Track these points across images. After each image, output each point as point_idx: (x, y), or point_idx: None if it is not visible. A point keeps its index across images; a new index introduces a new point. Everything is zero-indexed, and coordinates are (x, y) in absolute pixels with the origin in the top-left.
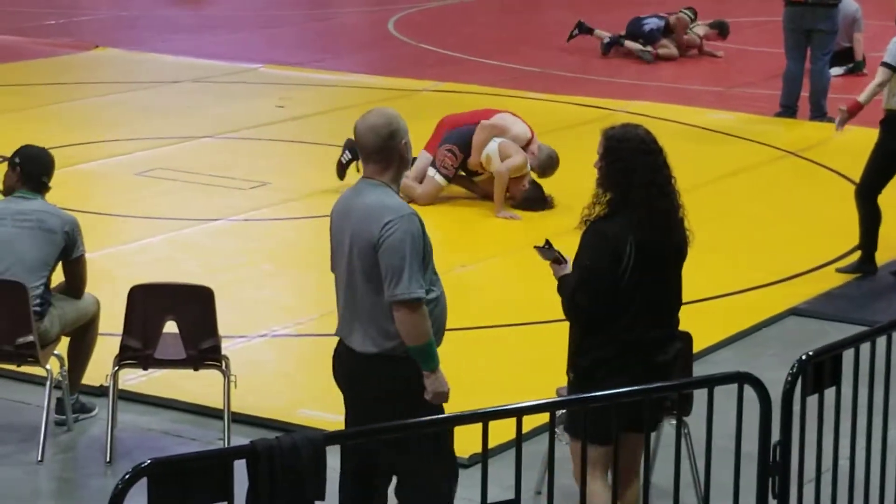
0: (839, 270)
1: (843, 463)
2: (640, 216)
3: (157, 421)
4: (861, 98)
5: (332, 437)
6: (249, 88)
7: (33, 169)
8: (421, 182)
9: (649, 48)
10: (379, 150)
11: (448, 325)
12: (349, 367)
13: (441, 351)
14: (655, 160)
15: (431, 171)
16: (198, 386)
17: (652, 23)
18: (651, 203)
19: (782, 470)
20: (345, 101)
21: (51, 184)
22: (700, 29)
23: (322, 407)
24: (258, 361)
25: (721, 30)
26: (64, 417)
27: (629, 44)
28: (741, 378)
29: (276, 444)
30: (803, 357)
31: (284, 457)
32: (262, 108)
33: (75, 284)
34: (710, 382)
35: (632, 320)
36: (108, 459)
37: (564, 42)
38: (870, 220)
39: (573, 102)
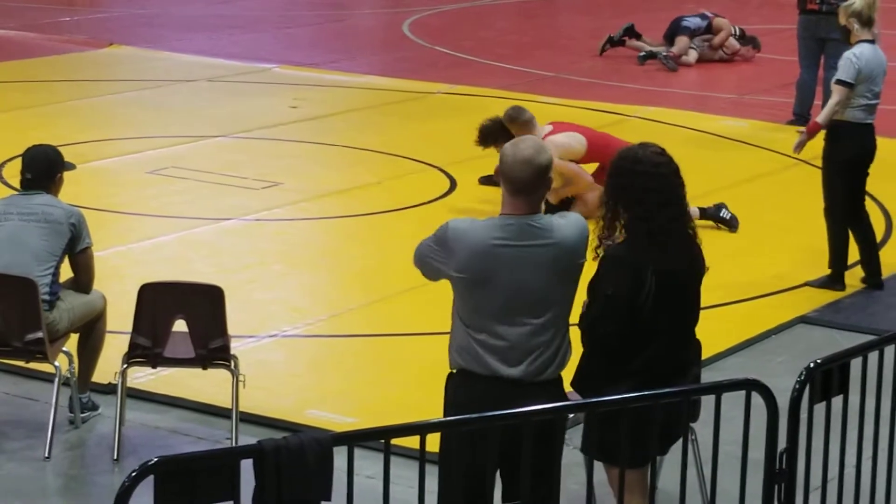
0: (809, 284)
1: (850, 471)
2: (658, 242)
3: (165, 419)
4: (820, 119)
5: (340, 438)
6: (263, 88)
7: (35, 170)
8: None
9: (669, 53)
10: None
11: None
12: None
13: None
14: (669, 182)
15: None
16: (206, 385)
17: (693, 22)
18: (669, 228)
19: (788, 477)
20: (359, 102)
21: (62, 178)
22: (735, 43)
23: (330, 408)
24: (267, 361)
25: (754, 44)
26: (82, 415)
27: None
28: (749, 385)
29: (284, 443)
30: (811, 365)
31: (291, 457)
32: (276, 108)
33: (83, 278)
34: (718, 389)
35: (655, 349)
36: (115, 457)
37: (579, 46)
38: (842, 238)
39: (587, 107)
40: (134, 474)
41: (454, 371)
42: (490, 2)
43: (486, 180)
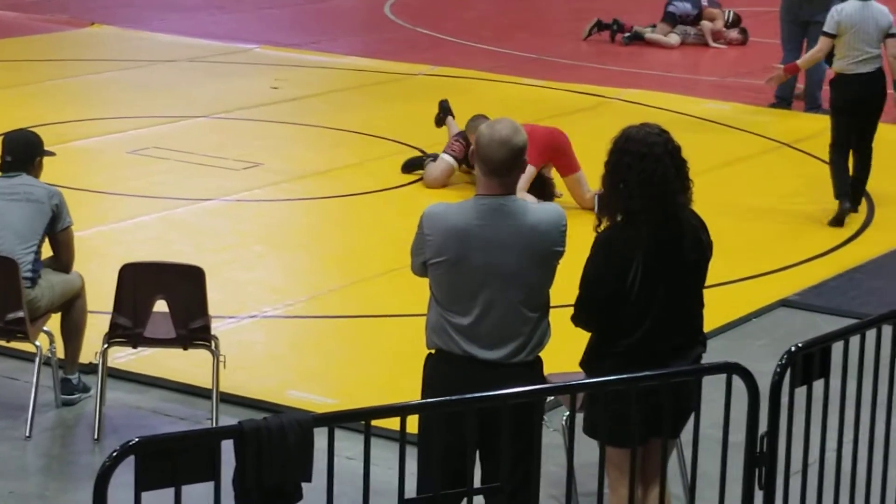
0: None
1: (830, 455)
2: (645, 229)
3: (146, 399)
4: (800, 62)
5: (320, 420)
6: (244, 69)
7: (15, 153)
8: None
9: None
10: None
11: None
12: None
13: None
14: (656, 168)
15: (444, 155)
16: (186, 365)
17: (679, 7)
18: (650, 215)
19: (769, 461)
20: (340, 83)
21: (41, 162)
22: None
23: (310, 389)
24: (247, 342)
25: (744, 35)
26: (68, 397)
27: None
28: (730, 368)
29: (264, 424)
30: (792, 348)
31: (272, 438)
32: (257, 88)
33: (64, 257)
34: (699, 372)
35: (646, 333)
36: (95, 437)
37: (560, 29)
38: (838, 173)
39: (568, 89)
40: (115, 454)
41: (432, 351)
42: None
43: (409, 167)
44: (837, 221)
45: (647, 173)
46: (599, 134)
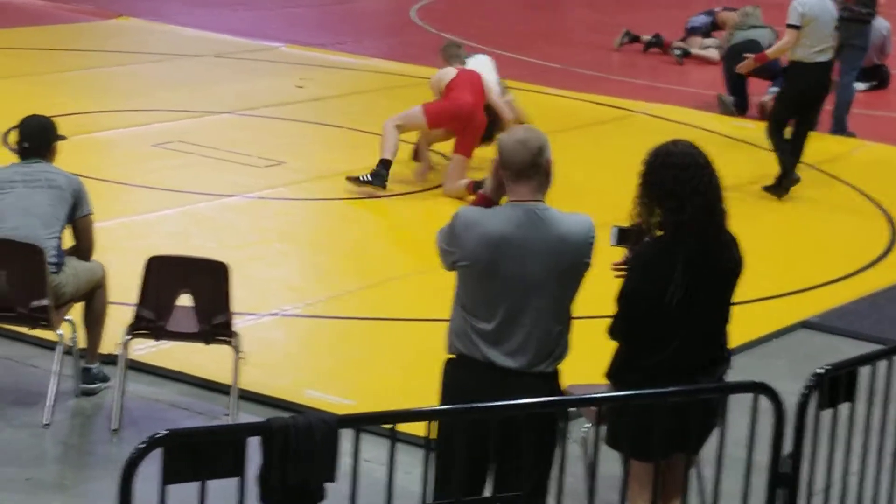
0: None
1: (852, 479)
2: (692, 240)
3: (164, 392)
4: (768, 52)
5: (346, 421)
6: (270, 67)
7: (33, 139)
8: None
9: (681, 47)
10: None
11: None
12: None
13: None
14: (702, 177)
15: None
16: (205, 360)
17: (698, 20)
18: (700, 226)
19: (792, 481)
20: (364, 84)
21: (56, 147)
22: None
23: (328, 389)
24: (266, 339)
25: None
26: (89, 386)
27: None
28: (757, 388)
29: (291, 422)
30: (820, 371)
31: (299, 436)
32: (282, 87)
33: (84, 245)
34: (726, 390)
35: (677, 348)
36: (114, 427)
37: (585, 39)
38: (783, 148)
39: (592, 101)
40: (143, 446)
41: (452, 356)
42: None
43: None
44: (785, 190)
45: (697, 184)
46: (623, 146)
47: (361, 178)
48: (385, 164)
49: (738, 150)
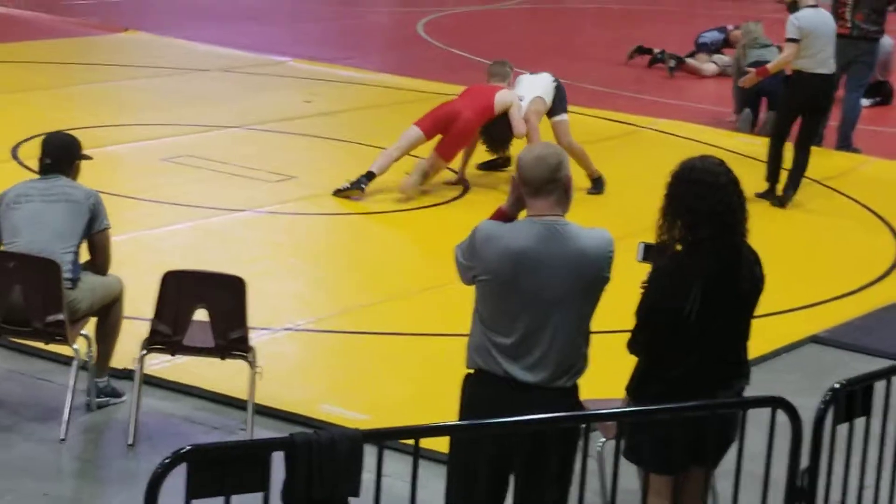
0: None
1: (867, 493)
2: (709, 258)
3: (179, 407)
4: (770, 66)
5: (370, 436)
6: (278, 81)
7: (55, 155)
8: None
9: (675, 56)
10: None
11: None
12: None
13: None
14: (722, 197)
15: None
16: (219, 375)
17: (709, 37)
18: (720, 238)
19: (809, 496)
20: (372, 99)
21: (79, 165)
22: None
23: (343, 404)
24: (280, 354)
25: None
26: (96, 400)
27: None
28: (775, 402)
29: (315, 438)
30: (836, 385)
31: (322, 451)
32: (290, 101)
33: (100, 259)
34: (744, 405)
35: (696, 363)
36: (130, 442)
37: (593, 55)
38: (778, 157)
39: (600, 116)
40: (167, 461)
41: (471, 371)
42: (503, 6)
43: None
44: (773, 198)
45: (716, 202)
46: (630, 161)
47: (342, 188)
48: (368, 175)
49: (744, 166)
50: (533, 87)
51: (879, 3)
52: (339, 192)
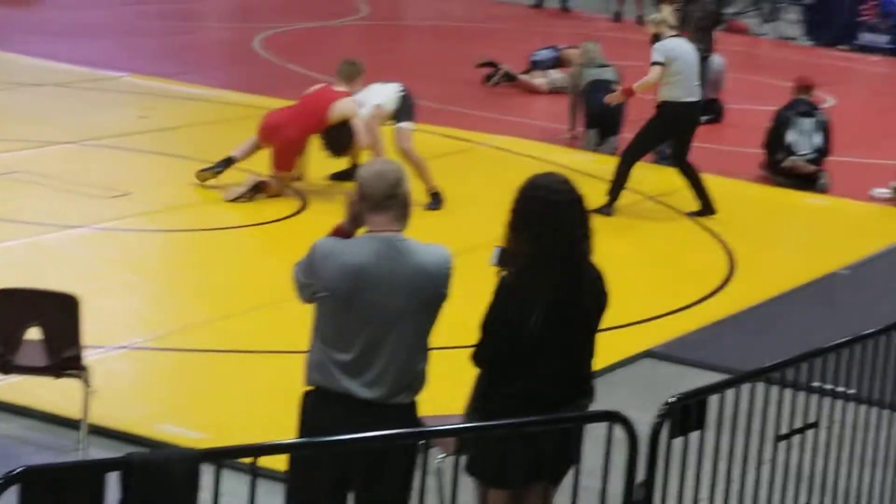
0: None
1: None
2: (552, 274)
3: (11, 427)
4: (635, 86)
5: (208, 455)
6: (113, 97)
7: None
8: None
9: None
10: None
11: None
12: None
13: None
14: (565, 214)
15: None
16: (52, 394)
17: (541, 55)
18: (557, 261)
19: None
20: (209, 115)
21: None
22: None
23: (181, 422)
24: (117, 372)
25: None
26: None
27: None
28: (611, 417)
29: (151, 457)
30: (672, 399)
31: (158, 471)
32: (125, 117)
33: None
34: (581, 420)
35: (538, 379)
36: None
37: (429, 71)
38: (625, 177)
39: (435, 133)
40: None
41: (310, 388)
42: (340, 23)
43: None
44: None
45: (555, 220)
46: (467, 178)
47: (204, 169)
48: (228, 160)
49: (580, 183)
50: (375, 96)
51: (704, 21)
52: (202, 173)
